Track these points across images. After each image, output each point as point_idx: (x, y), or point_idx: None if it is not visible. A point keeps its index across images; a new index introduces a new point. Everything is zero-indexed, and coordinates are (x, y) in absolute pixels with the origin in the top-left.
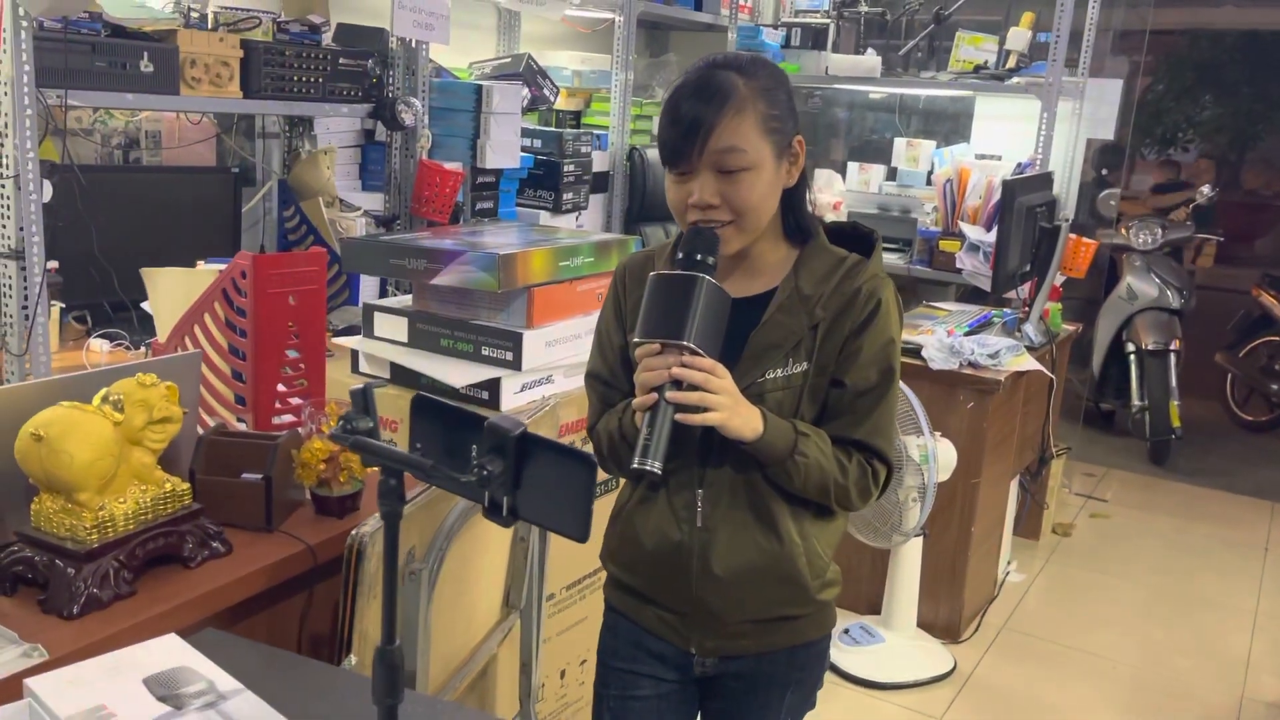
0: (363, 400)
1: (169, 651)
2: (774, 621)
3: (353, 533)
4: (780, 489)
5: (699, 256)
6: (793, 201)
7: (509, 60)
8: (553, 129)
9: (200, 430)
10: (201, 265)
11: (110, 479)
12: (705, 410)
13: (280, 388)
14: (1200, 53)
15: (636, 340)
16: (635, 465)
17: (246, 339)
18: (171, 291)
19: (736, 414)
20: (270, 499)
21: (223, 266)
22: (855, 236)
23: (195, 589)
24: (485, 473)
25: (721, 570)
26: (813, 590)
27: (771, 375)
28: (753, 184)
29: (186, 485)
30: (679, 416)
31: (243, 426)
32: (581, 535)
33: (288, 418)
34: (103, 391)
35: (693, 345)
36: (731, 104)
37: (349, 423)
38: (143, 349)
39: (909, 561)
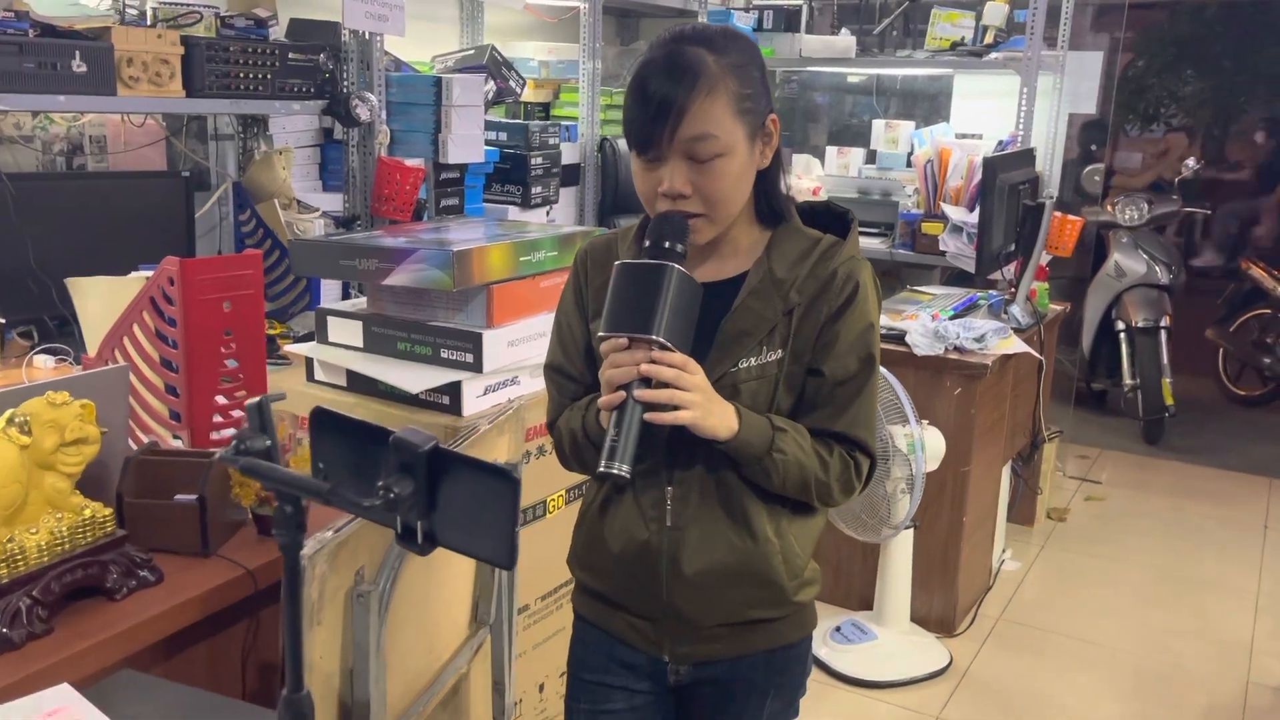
0: (258, 416)
1: (60, 703)
2: (750, 624)
3: None
4: (755, 485)
5: (668, 244)
6: (766, 183)
7: (472, 52)
8: (519, 121)
9: (134, 446)
10: (134, 273)
11: (19, 507)
12: (677, 409)
13: (220, 400)
14: (1180, 27)
15: (601, 334)
16: (602, 469)
17: (178, 350)
18: (100, 302)
19: (710, 412)
20: (205, 521)
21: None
22: (831, 217)
23: (121, 623)
24: (392, 495)
25: (692, 571)
26: (789, 591)
27: (745, 365)
28: (726, 170)
29: (108, 511)
30: (648, 416)
31: (179, 444)
32: (507, 561)
33: (230, 431)
34: (8, 413)
35: (662, 340)
36: (702, 84)
37: (242, 442)
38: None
39: (900, 555)
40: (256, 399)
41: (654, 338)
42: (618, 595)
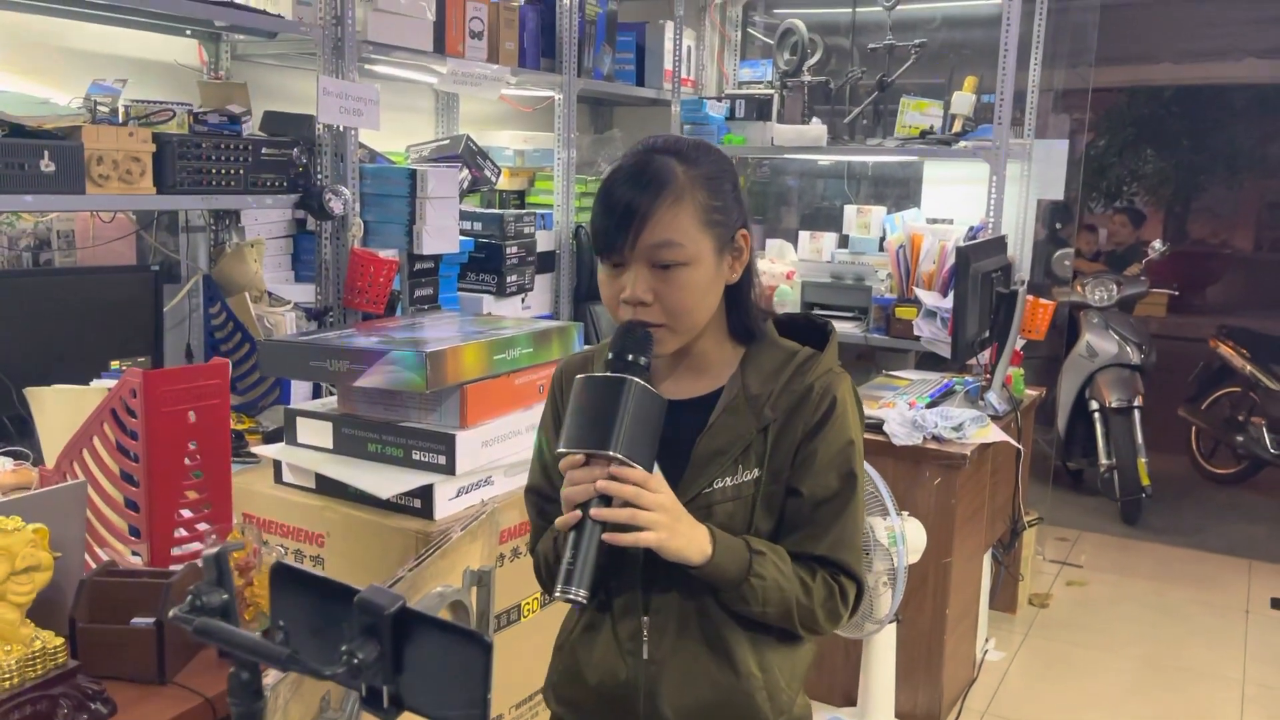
0: (215, 569)
1: None
2: None
3: None
4: (737, 614)
5: (630, 357)
6: (737, 299)
7: (447, 142)
8: (494, 210)
9: (93, 564)
10: (96, 382)
11: None
12: (638, 529)
13: (185, 513)
14: (1139, 108)
15: (560, 451)
16: (558, 593)
17: (139, 463)
18: (59, 413)
19: (677, 533)
20: (162, 647)
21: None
22: (809, 329)
23: None
24: (356, 661)
25: (672, 711)
26: None
27: (719, 485)
28: (689, 281)
29: (60, 641)
30: (607, 537)
31: (138, 560)
32: None
33: (195, 546)
34: None
35: (621, 455)
36: (669, 192)
37: (198, 598)
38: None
39: (883, 650)
40: (214, 550)
41: (611, 454)
42: None
